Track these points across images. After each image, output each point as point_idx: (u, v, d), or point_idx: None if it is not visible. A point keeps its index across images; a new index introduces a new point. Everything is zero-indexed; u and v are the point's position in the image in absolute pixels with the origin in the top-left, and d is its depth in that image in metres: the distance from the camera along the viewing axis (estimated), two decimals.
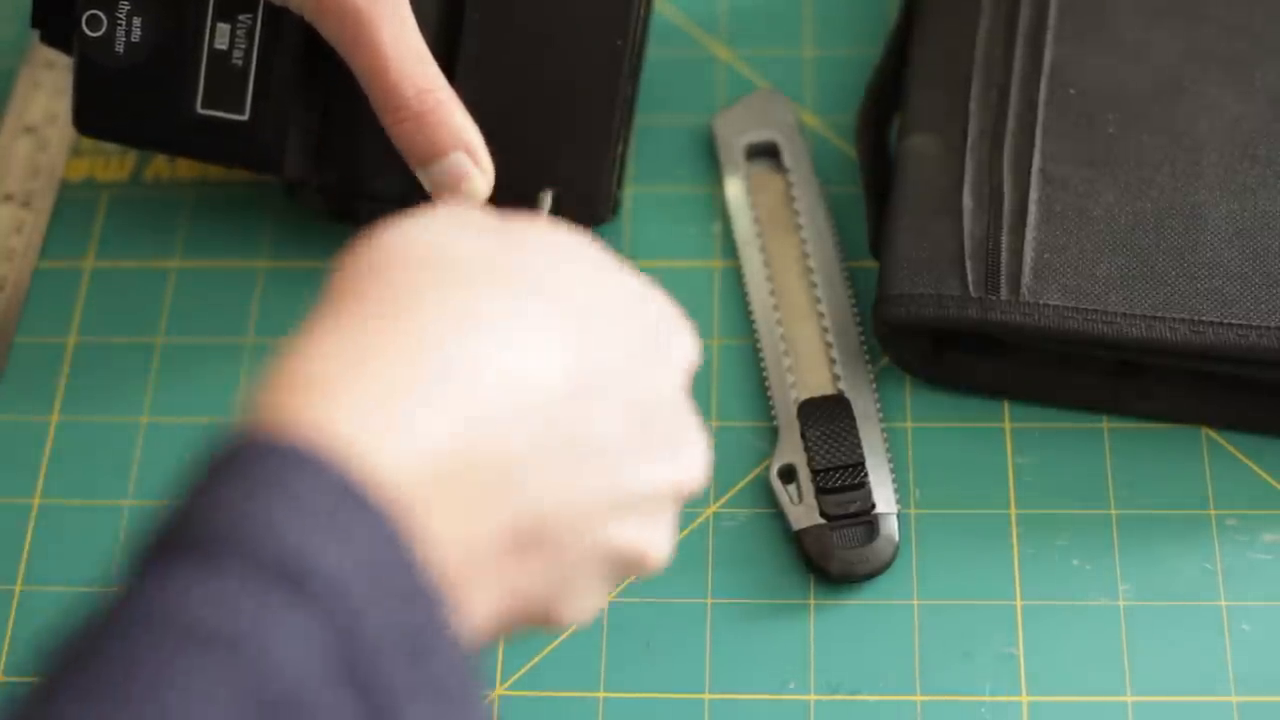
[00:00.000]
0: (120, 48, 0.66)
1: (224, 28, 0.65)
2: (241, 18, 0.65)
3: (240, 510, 0.37)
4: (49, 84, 0.76)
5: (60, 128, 0.75)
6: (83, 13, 0.65)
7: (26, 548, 0.65)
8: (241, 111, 0.66)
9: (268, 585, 0.36)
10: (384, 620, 0.37)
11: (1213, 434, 0.65)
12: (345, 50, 0.62)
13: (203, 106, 0.66)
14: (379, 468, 0.38)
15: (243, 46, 0.65)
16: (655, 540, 0.47)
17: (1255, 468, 0.64)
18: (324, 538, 0.36)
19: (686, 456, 0.48)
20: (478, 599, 0.42)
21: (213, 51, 0.65)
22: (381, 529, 0.37)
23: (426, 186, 0.63)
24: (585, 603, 0.46)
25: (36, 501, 0.66)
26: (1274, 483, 0.63)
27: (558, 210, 0.62)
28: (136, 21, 0.65)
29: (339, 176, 0.67)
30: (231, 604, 0.35)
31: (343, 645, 0.36)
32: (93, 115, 0.67)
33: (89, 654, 0.35)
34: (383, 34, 0.61)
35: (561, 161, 0.67)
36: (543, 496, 0.42)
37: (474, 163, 0.62)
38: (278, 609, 0.36)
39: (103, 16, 0.65)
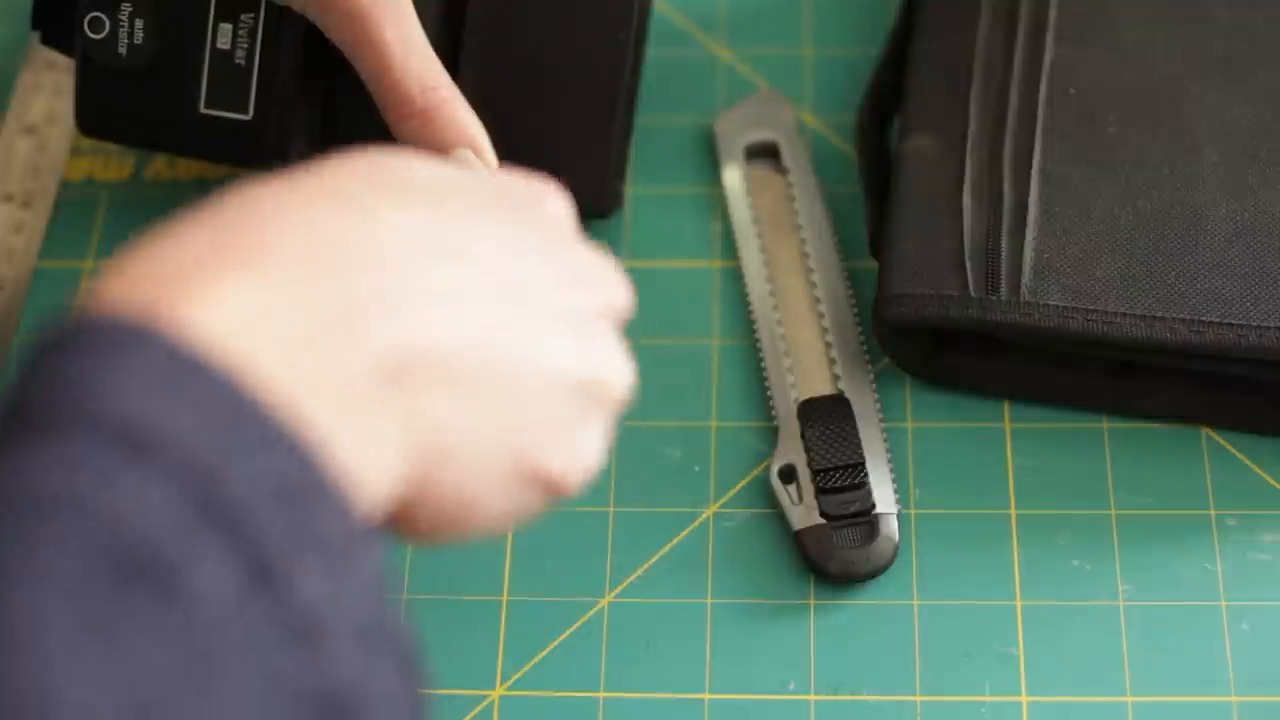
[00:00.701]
0: (123, 49, 0.66)
1: (226, 28, 0.65)
2: (243, 17, 0.65)
3: (68, 382, 0.36)
4: (49, 84, 0.76)
5: (60, 128, 0.75)
6: (84, 15, 0.65)
7: None
8: (245, 111, 0.66)
9: (105, 448, 0.35)
10: (247, 471, 0.36)
11: (1213, 434, 0.65)
12: (348, 48, 0.62)
13: (206, 106, 0.66)
14: (208, 332, 0.38)
15: (245, 46, 0.65)
16: (603, 359, 0.47)
17: (1255, 468, 0.64)
18: (159, 399, 0.36)
19: (603, 280, 0.49)
20: (371, 444, 0.40)
21: (215, 51, 0.65)
22: (221, 385, 0.37)
23: None
24: (561, 444, 0.46)
25: None
26: (1274, 483, 0.63)
27: None
28: (139, 23, 0.65)
29: None
30: (69, 469, 0.35)
31: (200, 495, 0.36)
32: (96, 116, 0.67)
33: None
34: (386, 32, 0.61)
35: (564, 154, 0.66)
36: (420, 324, 0.42)
37: (480, 159, 0.62)
38: (119, 468, 0.35)
39: (105, 19, 0.65)
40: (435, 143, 0.61)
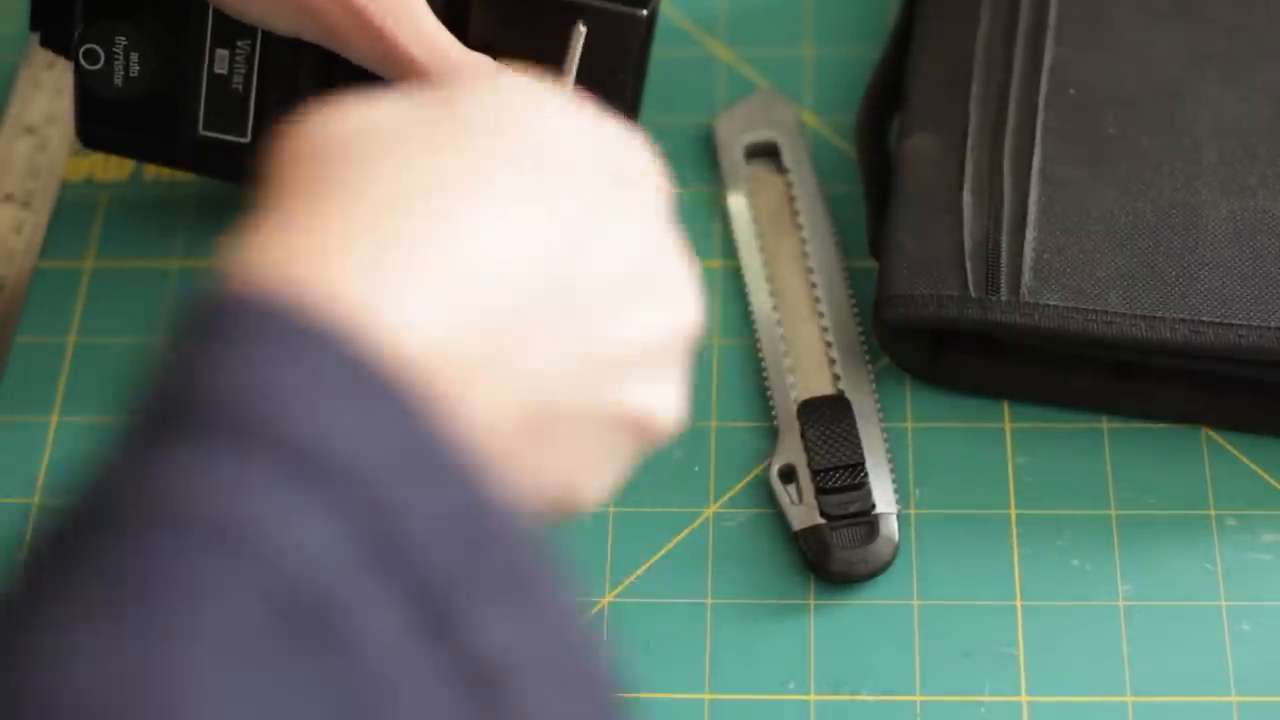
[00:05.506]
0: (119, 81, 0.66)
1: (223, 53, 0.65)
2: (240, 43, 0.65)
3: (240, 381, 0.32)
4: (49, 84, 0.76)
5: (60, 128, 0.75)
6: (79, 47, 0.65)
7: (26, 548, 0.64)
8: (243, 134, 0.66)
9: (279, 468, 0.32)
10: (426, 509, 0.33)
11: (1213, 434, 0.65)
12: (375, 66, 0.60)
13: (204, 129, 0.66)
14: (395, 336, 0.34)
15: (242, 71, 0.65)
16: (664, 397, 0.44)
17: (1255, 468, 0.64)
18: (341, 415, 0.33)
19: (679, 296, 0.45)
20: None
21: (212, 76, 0.65)
22: (405, 405, 0.34)
23: None
24: (603, 481, 0.43)
25: (37, 501, 0.66)
26: (1274, 483, 0.63)
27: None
28: (134, 56, 0.65)
29: None
30: (237, 490, 0.31)
31: (377, 536, 0.32)
32: (96, 132, 0.68)
33: (72, 555, 0.32)
34: (411, 48, 0.59)
35: None
36: (550, 364, 0.39)
37: None
38: (293, 498, 0.32)
39: (100, 51, 0.65)
40: None
